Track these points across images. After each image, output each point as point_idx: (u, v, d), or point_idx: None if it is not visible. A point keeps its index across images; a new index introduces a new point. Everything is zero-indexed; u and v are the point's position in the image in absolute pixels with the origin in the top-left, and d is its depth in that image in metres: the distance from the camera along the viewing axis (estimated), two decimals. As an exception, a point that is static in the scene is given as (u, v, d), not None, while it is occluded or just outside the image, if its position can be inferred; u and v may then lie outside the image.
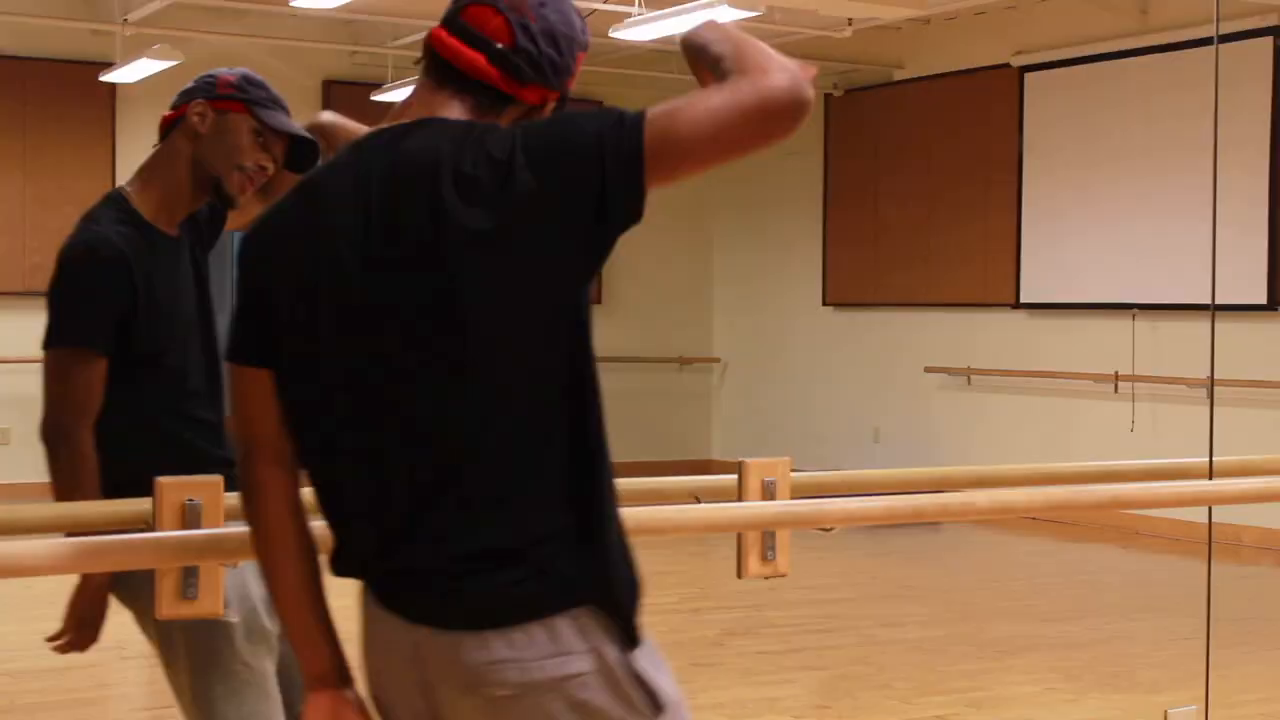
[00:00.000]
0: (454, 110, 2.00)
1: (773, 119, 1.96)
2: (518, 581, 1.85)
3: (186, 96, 3.03)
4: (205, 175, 3.00)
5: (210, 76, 3.03)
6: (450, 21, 2.03)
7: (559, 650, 1.85)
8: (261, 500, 2.01)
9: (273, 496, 2.00)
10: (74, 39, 11.35)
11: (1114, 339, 10.41)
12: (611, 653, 1.89)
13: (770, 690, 5.93)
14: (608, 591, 1.90)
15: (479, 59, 2.01)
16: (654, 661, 1.94)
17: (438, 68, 2.02)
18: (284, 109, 3.03)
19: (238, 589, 2.75)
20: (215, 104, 2.98)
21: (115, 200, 3.06)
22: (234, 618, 2.79)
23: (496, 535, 1.86)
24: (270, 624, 2.84)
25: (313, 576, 2.07)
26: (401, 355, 1.88)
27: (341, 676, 2.05)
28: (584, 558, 1.89)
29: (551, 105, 2.20)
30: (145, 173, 3.09)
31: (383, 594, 1.97)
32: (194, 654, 2.82)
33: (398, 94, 11.70)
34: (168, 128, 3.07)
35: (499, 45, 2.04)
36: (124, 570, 2.66)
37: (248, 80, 3.02)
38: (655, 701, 1.91)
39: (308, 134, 2.97)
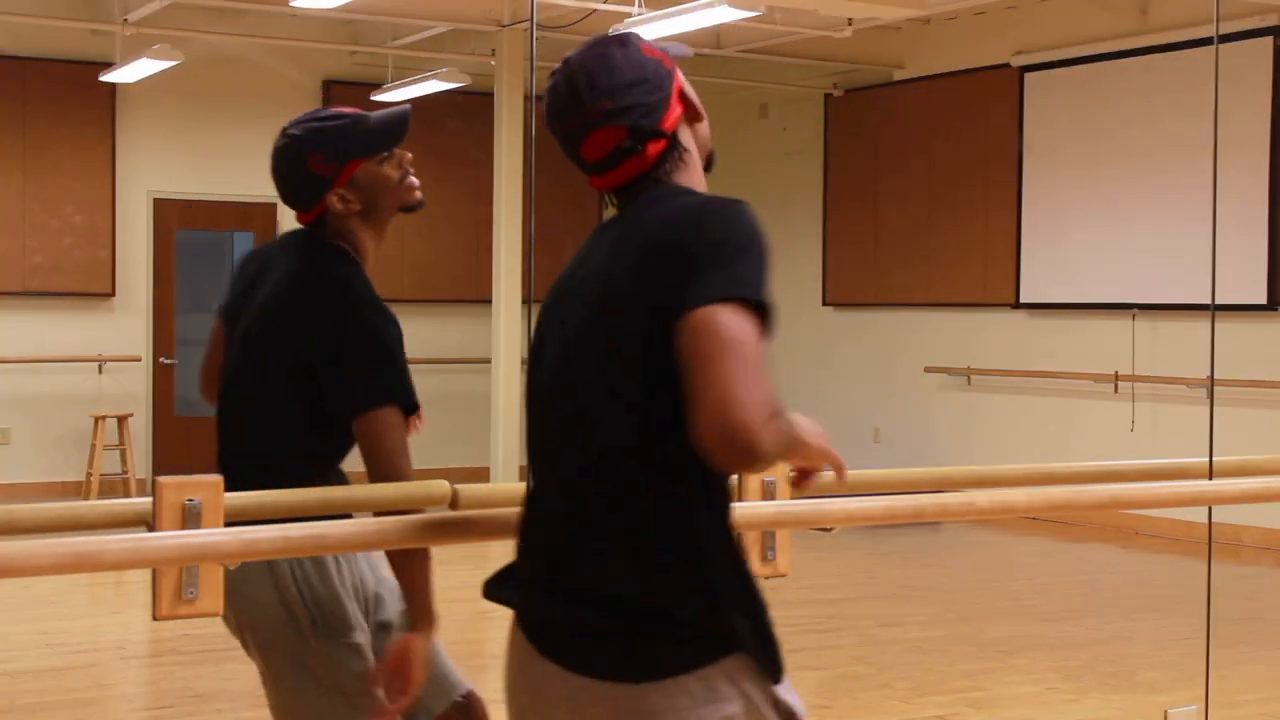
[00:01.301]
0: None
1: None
2: (678, 639, 1.98)
3: (311, 201, 3.05)
4: (387, 217, 3.05)
5: (300, 166, 3.04)
6: (583, 166, 2.17)
7: (712, 699, 1.98)
8: None
9: None
10: (74, 39, 11.35)
11: (1114, 339, 10.41)
12: (757, 692, 2.05)
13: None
14: (755, 639, 2.03)
15: (630, 168, 2.16)
16: (787, 684, 2.11)
17: (618, 194, 2.17)
18: (356, 119, 3.04)
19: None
20: (339, 187, 2.99)
21: (355, 262, 3.03)
22: (361, 638, 2.91)
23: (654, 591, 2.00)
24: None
25: None
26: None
27: None
28: (731, 609, 2.01)
29: (678, 111, 2.32)
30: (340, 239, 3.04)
31: (541, 639, 2.09)
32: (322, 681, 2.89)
33: (397, 94, 11.71)
34: (314, 223, 3.08)
35: (624, 147, 2.15)
36: (244, 599, 2.83)
37: (329, 142, 3.03)
38: (793, 718, 2.10)
39: (390, 115, 3.00)
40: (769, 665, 2.06)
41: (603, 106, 2.14)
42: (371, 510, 2.69)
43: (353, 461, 2.97)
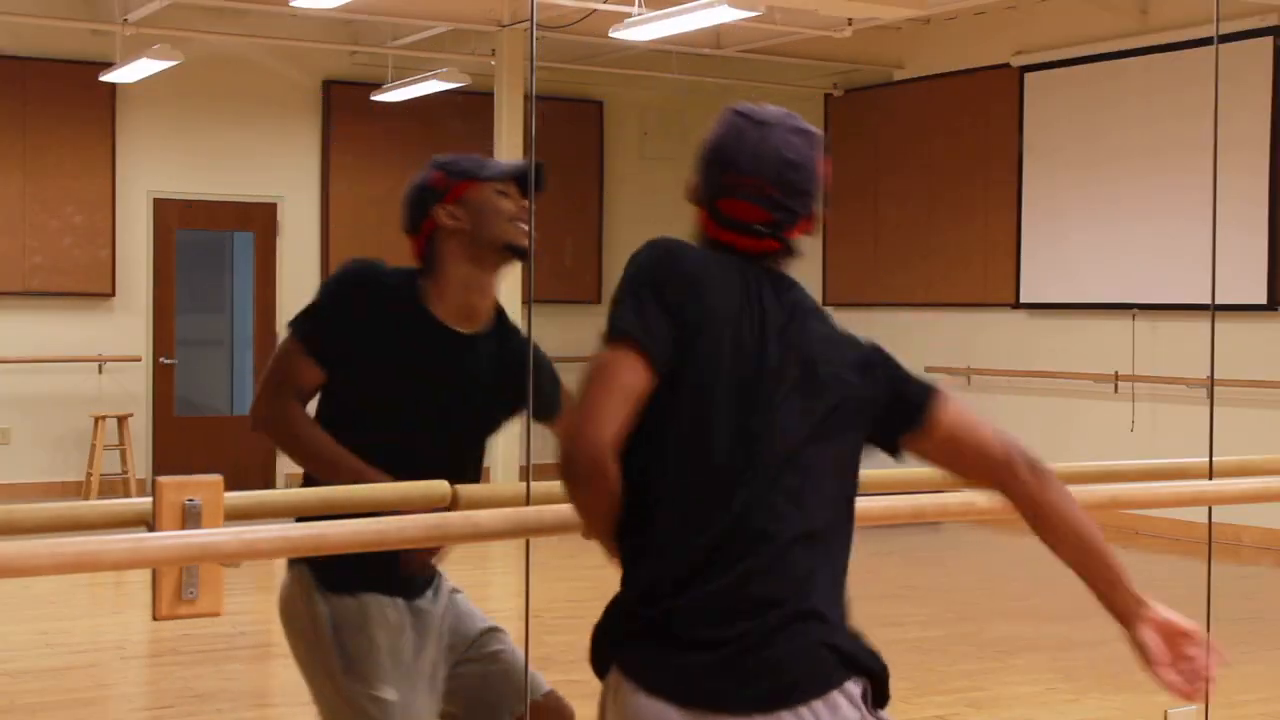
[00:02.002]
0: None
1: None
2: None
3: (418, 218, 3.21)
4: (490, 250, 3.10)
5: (423, 187, 3.24)
6: (717, 218, 2.31)
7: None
8: None
9: None
10: (74, 39, 11.35)
11: (1114, 339, 10.41)
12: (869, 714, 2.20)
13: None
14: (871, 661, 2.25)
15: (743, 242, 2.31)
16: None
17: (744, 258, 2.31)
18: (486, 161, 3.19)
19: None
20: (448, 205, 3.12)
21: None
22: (390, 694, 2.98)
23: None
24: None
25: None
26: None
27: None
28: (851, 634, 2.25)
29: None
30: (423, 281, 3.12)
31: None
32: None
33: (398, 94, 11.71)
34: (424, 249, 3.19)
35: (760, 226, 2.31)
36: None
37: (453, 162, 3.23)
38: None
39: (520, 165, 3.15)
40: (879, 685, 2.28)
41: (770, 191, 2.41)
42: (371, 510, 2.69)
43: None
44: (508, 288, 13.06)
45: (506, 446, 11.08)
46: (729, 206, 2.29)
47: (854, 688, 2.18)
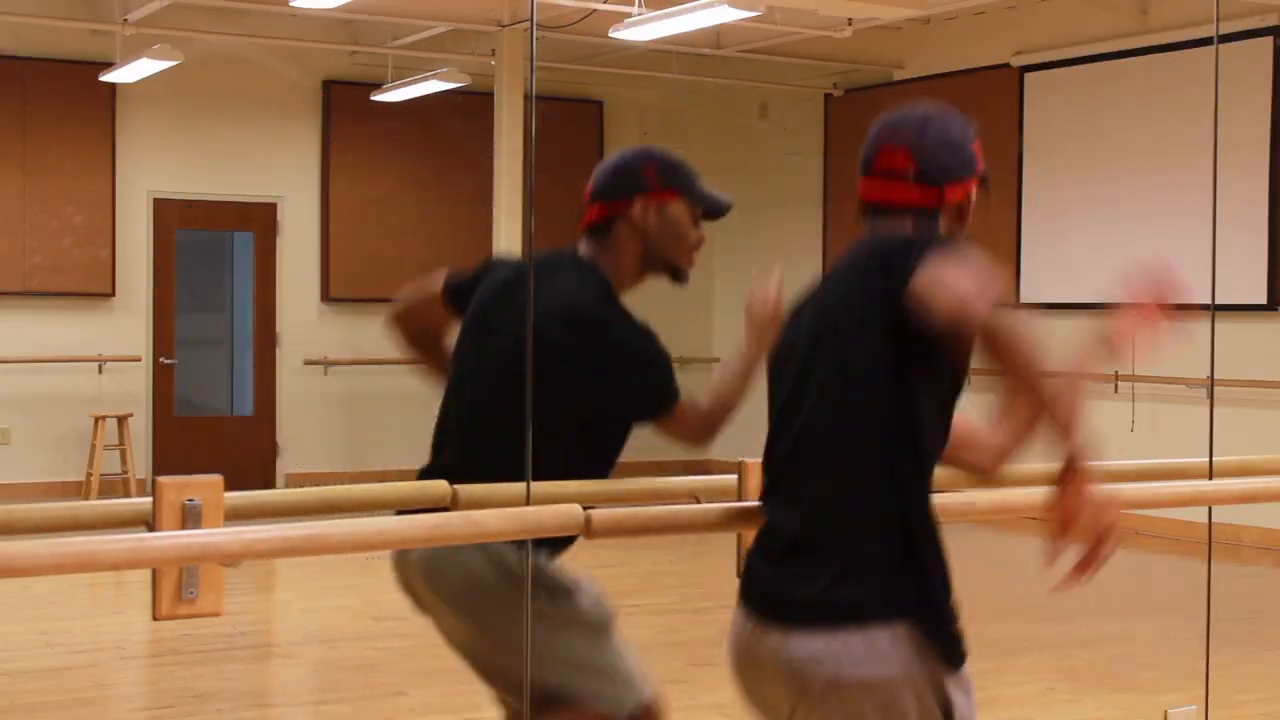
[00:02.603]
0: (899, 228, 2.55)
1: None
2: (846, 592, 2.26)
3: (619, 194, 3.18)
4: (661, 263, 3.20)
5: (631, 171, 3.18)
6: (867, 170, 2.56)
7: (871, 656, 2.21)
8: None
9: None
10: (74, 39, 11.35)
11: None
12: (920, 669, 2.23)
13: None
14: (926, 612, 2.26)
15: (898, 192, 2.53)
16: (965, 688, 2.29)
17: (873, 210, 2.60)
18: (698, 176, 3.22)
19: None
20: (651, 200, 3.14)
21: (604, 282, 3.18)
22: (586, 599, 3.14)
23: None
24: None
25: None
26: None
27: None
28: (904, 579, 2.27)
29: (974, 191, 2.68)
30: (598, 259, 3.20)
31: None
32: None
33: (397, 94, 11.71)
34: (602, 220, 3.22)
35: (908, 174, 2.52)
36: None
37: (671, 164, 3.17)
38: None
39: (730, 201, 3.23)
40: (938, 644, 2.26)
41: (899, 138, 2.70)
42: (371, 510, 2.69)
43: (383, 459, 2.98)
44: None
45: (506, 446, 11.07)
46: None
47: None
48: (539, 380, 2.79)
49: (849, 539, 2.30)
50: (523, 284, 3.10)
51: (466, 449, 3.09)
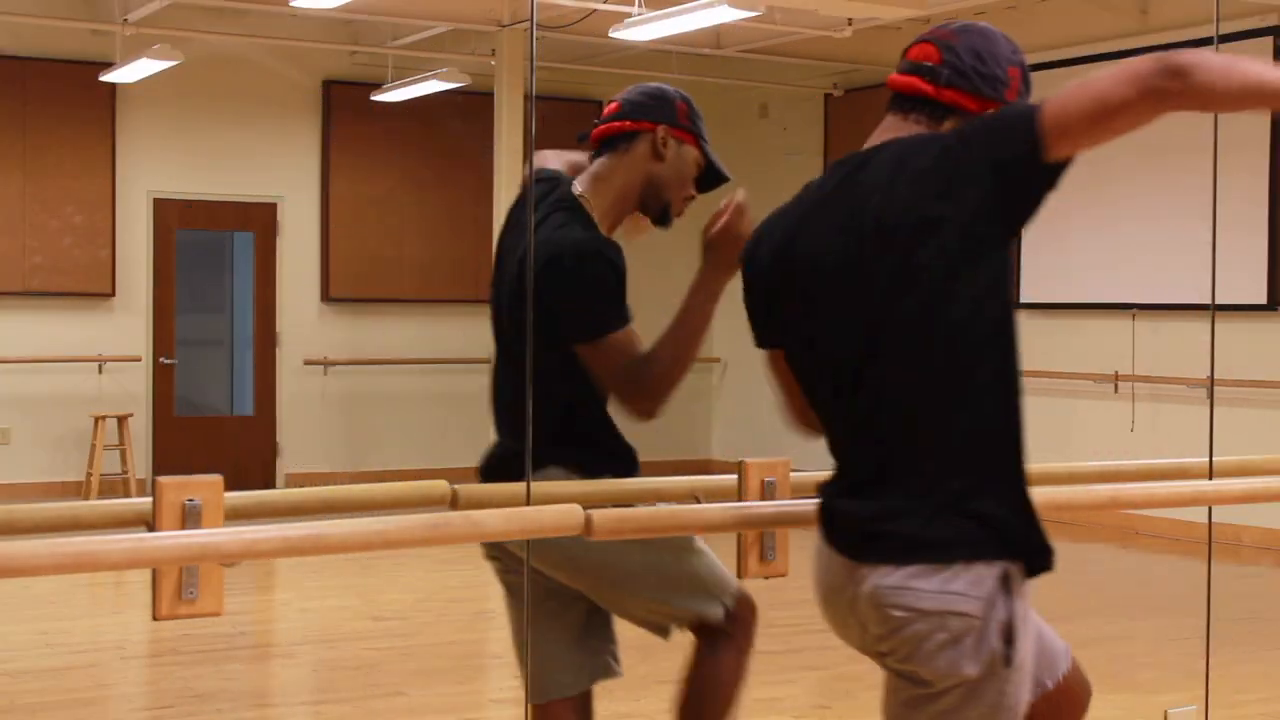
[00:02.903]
0: (909, 130, 2.55)
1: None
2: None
3: (648, 115, 3.20)
4: (656, 197, 3.21)
5: (666, 99, 3.21)
6: (900, 63, 2.62)
7: (948, 590, 2.27)
8: None
9: None
10: (74, 39, 11.35)
11: (1114, 339, 10.41)
12: (1002, 605, 2.30)
13: (770, 690, 5.92)
14: (1014, 547, 2.32)
15: (914, 80, 2.60)
16: (1025, 620, 2.36)
17: (894, 100, 2.63)
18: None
19: None
20: (675, 132, 3.19)
21: (576, 207, 3.18)
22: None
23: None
24: None
25: None
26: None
27: None
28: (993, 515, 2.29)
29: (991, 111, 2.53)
30: (598, 182, 3.22)
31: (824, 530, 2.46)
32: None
33: (398, 94, 11.71)
34: (614, 137, 3.23)
35: (928, 64, 2.59)
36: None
37: (696, 113, 3.22)
38: (1009, 658, 2.32)
39: (730, 176, 3.28)
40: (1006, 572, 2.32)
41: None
42: (371, 510, 2.69)
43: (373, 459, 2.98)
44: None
45: (506, 446, 11.08)
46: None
47: None
48: (541, 332, 2.87)
49: (934, 474, 2.30)
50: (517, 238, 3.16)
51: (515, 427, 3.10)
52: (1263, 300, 9.51)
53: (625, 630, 3.33)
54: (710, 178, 3.26)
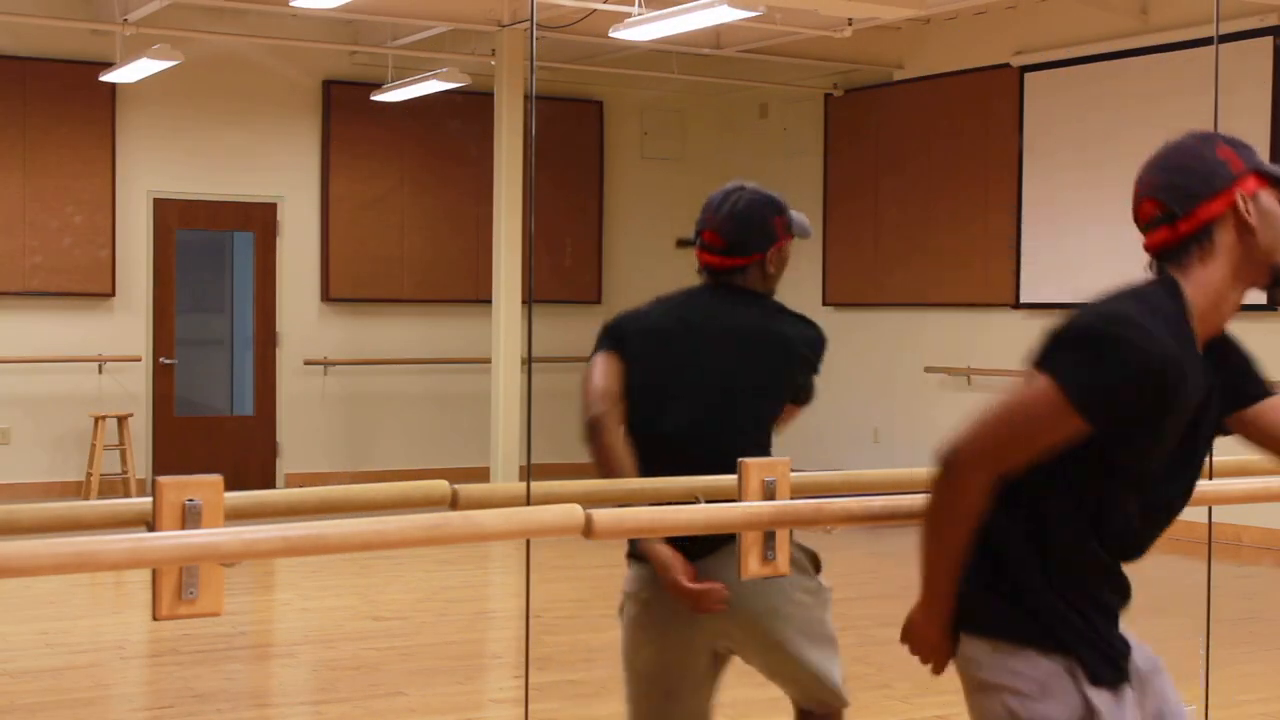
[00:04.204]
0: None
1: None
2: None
3: (765, 244, 3.56)
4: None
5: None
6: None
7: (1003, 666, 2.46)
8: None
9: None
10: (74, 39, 11.35)
11: (1114, 339, 10.41)
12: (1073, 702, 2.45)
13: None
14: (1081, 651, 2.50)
15: (1161, 236, 2.69)
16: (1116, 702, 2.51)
17: (1154, 257, 2.69)
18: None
19: None
20: (784, 239, 3.56)
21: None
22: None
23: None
24: None
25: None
26: None
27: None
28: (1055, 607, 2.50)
29: (1217, 210, 2.62)
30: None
31: None
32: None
33: (398, 94, 11.71)
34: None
35: (1158, 215, 2.70)
36: None
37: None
38: None
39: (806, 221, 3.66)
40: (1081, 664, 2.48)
41: (1149, 180, 2.70)
42: (371, 510, 2.69)
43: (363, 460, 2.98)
44: (508, 288, 13.00)
45: (507, 446, 11.08)
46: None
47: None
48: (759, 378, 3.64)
49: (1003, 557, 2.48)
50: (713, 313, 3.57)
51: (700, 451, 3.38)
52: (1262, 300, 9.49)
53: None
54: (802, 225, 3.64)
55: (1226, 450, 3.57)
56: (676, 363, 3.50)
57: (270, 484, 12.11)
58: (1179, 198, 2.62)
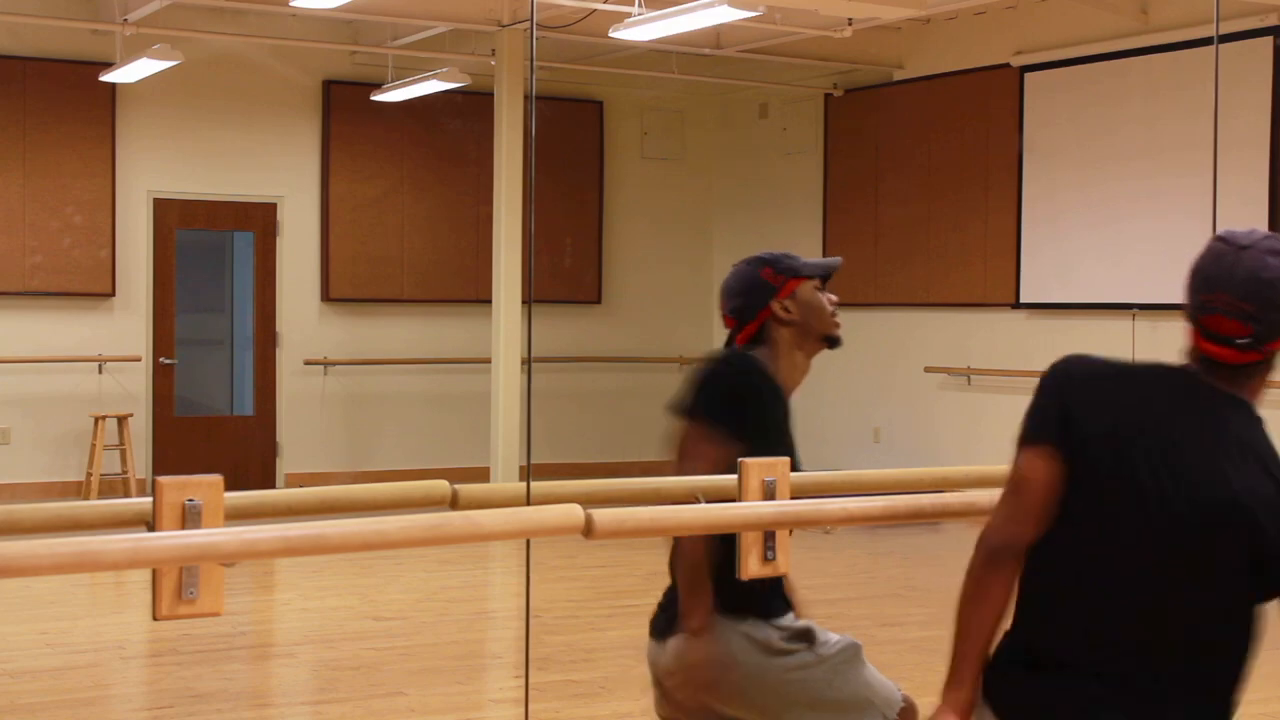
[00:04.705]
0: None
1: None
2: None
3: (753, 313, 3.50)
4: (814, 341, 3.52)
5: (759, 280, 3.48)
6: (1199, 327, 2.61)
7: None
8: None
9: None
10: (74, 39, 11.35)
11: (1114, 339, 10.40)
12: None
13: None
14: None
15: (1226, 354, 2.55)
16: None
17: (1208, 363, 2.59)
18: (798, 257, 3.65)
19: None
20: (783, 294, 3.50)
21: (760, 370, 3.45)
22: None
23: None
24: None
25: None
26: None
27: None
28: None
29: None
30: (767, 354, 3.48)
31: None
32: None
33: (397, 94, 11.72)
34: (752, 336, 3.49)
35: (1239, 340, 2.54)
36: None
37: (780, 258, 3.52)
38: None
39: (829, 260, 3.65)
40: None
41: (1244, 307, 2.54)
42: (371, 510, 2.69)
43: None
44: (508, 288, 12.99)
45: (507, 446, 11.08)
46: (1210, 322, 2.57)
47: None
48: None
49: None
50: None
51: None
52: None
53: (624, 629, 3.32)
54: (824, 265, 3.60)
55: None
56: None
57: (270, 484, 12.11)
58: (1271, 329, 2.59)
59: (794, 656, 3.30)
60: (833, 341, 3.53)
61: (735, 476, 2.85)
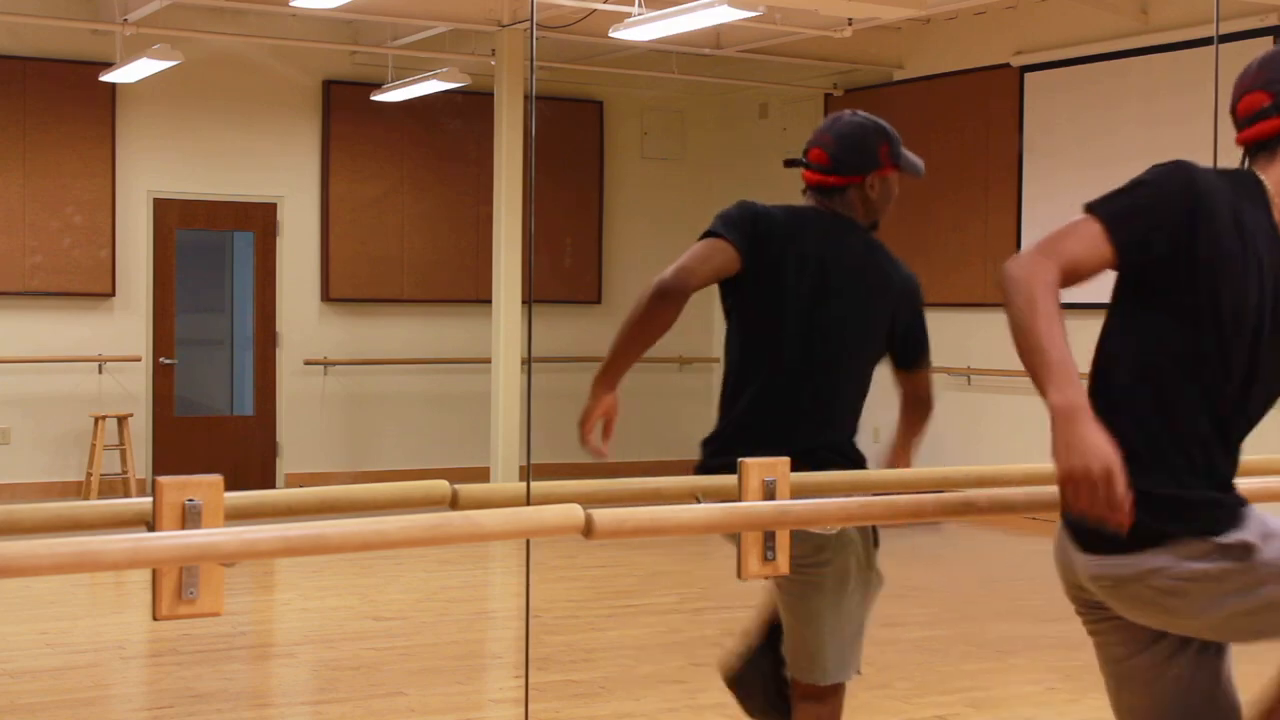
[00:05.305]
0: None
1: None
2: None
3: (852, 173, 3.74)
4: (868, 219, 3.89)
5: (875, 153, 3.81)
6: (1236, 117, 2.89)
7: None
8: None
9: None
10: (74, 39, 11.35)
11: (1114, 339, 10.42)
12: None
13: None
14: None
15: (1267, 127, 2.89)
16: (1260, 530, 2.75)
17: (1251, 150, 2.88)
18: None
19: None
20: (882, 172, 3.79)
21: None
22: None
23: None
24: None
25: None
26: None
27: None
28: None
29: None
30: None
31: None
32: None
33: (398, 94, 11.72)
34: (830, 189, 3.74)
35: (1267, 106, 2.85)
36: None
37: (895, 140, 3.90)
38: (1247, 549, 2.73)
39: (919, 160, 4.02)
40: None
41: (1261, 75, 2.85)
42: (371, 510, 2.69)
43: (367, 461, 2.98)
44: (508, 288, 12.98)
45: (507, 446, 11.09)
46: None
47: None
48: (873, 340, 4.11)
49: None
50: (848, 247, 3.74)
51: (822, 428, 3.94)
52: None
53: (624, 629, 3.32)
54: (916, 164, 3.95)
55: (1226, 450, 3.57)
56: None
57: (270, 484, 12.11)
58: None
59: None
60: (875, 226, 3.85)
61: (735, 477, 2.85)
